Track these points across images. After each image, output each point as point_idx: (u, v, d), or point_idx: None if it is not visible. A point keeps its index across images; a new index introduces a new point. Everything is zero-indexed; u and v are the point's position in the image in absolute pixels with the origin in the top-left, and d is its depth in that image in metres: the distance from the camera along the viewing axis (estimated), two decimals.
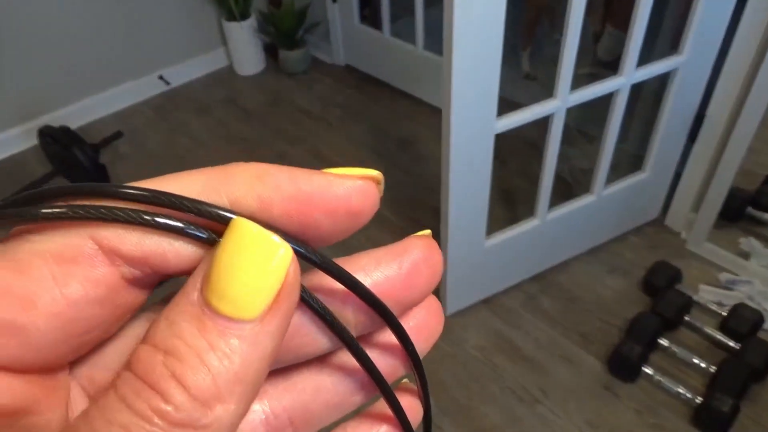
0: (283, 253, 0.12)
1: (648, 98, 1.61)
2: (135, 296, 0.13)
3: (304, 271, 0.13)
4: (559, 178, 1.36)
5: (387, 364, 0.16)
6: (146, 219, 0.12)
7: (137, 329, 0.14)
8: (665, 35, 1.59)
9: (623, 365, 1.24)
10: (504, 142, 1.15)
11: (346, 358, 0.15)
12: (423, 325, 0.16)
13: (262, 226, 0.12)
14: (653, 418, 1.19)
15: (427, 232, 0.15)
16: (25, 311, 0.11)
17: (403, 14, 2.13)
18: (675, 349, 1.27)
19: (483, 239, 1.31)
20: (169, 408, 0.10)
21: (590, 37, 2.04)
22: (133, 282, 0.13)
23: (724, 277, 1.42)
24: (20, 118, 2.04)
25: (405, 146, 1.97)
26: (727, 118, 1.32)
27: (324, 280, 0.14)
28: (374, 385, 0.15)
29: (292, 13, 2.23)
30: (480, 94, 1.04)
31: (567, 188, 1.66)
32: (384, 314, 0.14)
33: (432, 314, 0.16)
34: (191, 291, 0.12)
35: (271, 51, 2.41)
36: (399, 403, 0.16)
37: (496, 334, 1.38)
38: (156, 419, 0.10)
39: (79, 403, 0.13)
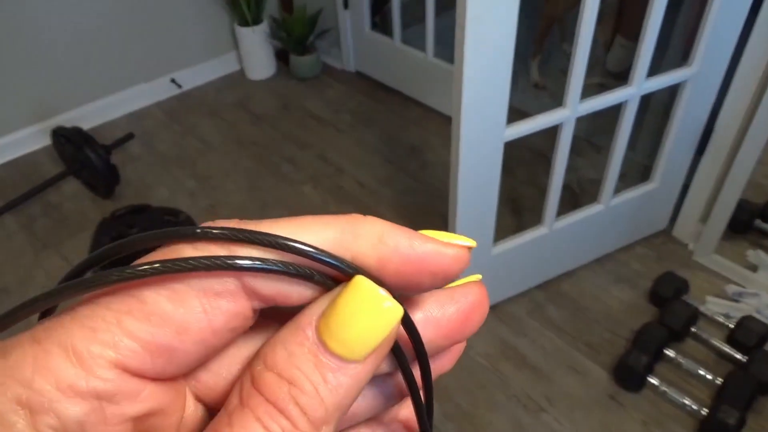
0: (393, 313, 0.14)
1: (657, 109, 1.62)
2: (251, 321, 0.15)
3: None
4: (566, 188, 1.37)
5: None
6: (291, 270, 0.14)
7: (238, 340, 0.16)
8: (675, 47, 1.60)
9: (629, 375, 1.24)
10: (512, 151, 1.16)
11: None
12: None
13: (375, 280, 0.14)
14: (658, 429, 1.19)
15: (478, 277, 0.17)
16: (178, 336, 0.14)
17: (414, 22, 2.14)
18: (681, 360, 1.27)
19: (490, 246, 1.31)
20: (295, 430, 0.13)
21: (600, 48, 2.05)
22: (256, 311, 0.15)
23: (731, 289, 1.42)
24: (34, 118, 2.07)
25: (414, 153, 1.98)
26: (736, 131, 1.33)
27: None
28: None
29: (304, 19, 2.25)
30: (490, 102, 1.05)
31: (574, 198, 1.66)
32: (422, 363, 0.16)
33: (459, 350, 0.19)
34: (306, 327, 0.14)
35: (282, 56, 2.44)
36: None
37: (502, 341, 1.38)
38: (274, 429, 0.13)
39: (190, 403, 0.16)
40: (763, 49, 1.21)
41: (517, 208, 1.71)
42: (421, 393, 0.17)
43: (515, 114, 1.12)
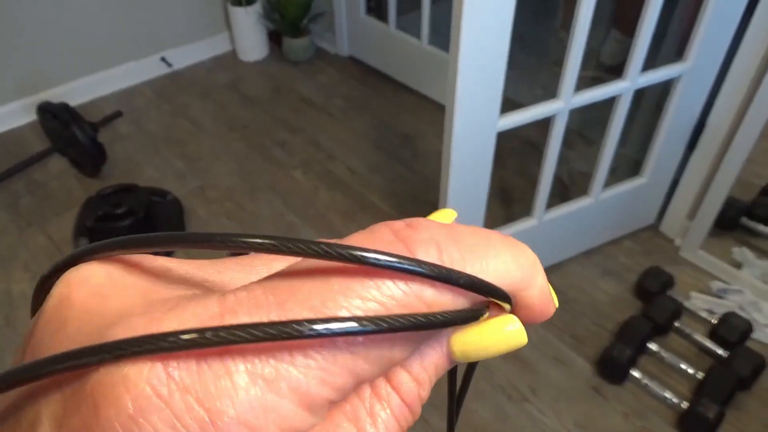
0: (520, 345, 0.15)
1: (649, 104, 1.62)
2: None
3: None
4: (556, 180, 1.37)
5: None
6: (471, 315, 0.14)
7: None
8: (670, 42, 1.59)
9: (612, 368, 1.26)
10: (503, 141, 1.16)
11: None
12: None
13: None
14: (640, 421, 1.20)
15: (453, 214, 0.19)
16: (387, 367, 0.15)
17: (410, 8, 2.12)
18: (664, 354, 1.29)
19: None
20: (413, 422, 0.15)
21: (594, 41, 2.05)
22: None
23: (715, 285, 1.44)
24: (20, 93, 2.03)
25: (406, 141, 1.97)
26: (727, 128, 1.33)
27: None
28: None
29: (298, 1, 2.22)
30: (485, 92, 1.04)
31: (564, 190, 1.67)
32: None
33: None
34: (443, 341, 0.15)
35: (275, 38, 2.40)
36: None
37: None
38: (404, 426, 0.15)
39: None
40: (758, 46, 1.21)
41: (507, 199, 1.71)
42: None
43: (508, 104, 1.11)
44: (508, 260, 0.15)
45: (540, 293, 0.16)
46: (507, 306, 0.15)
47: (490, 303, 0.15)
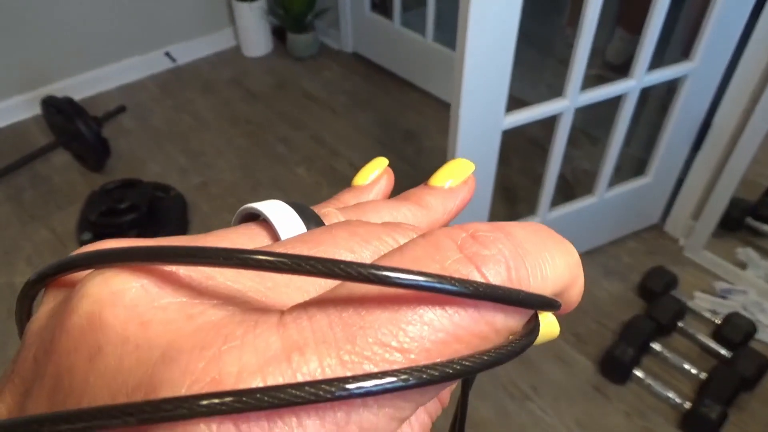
0: (552, 338, 0.15)
1: (655, 103, 1.61)
2: None
3: None
4: (560, 178, 1.36)
5: None
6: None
7: None
8: (676, 41, 1.59)
9: (615, 367, 1.25)
10: (507, 139, 1.15)
11: None
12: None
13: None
14: (642, 421, 1.20)
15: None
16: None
17: (415, 4, 2.12)
18: (667, 354, 1.28)
19: None
20: (440, 412, 0.16)
21: (600, 39, 2.04)
22: None
23: (719, 285, 1.43)
24: (24, 87, 2.03)
25: (410, 138, 1.96)
26: (733, 128, 1.33)
27: None
28: None
29: None
30: (490, 90, 1.03)
31: (568, 188, 1.66)
32: None
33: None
34: None
35: (279, 34, 2.40)
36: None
37: None
38: (434, 416, 0.16)
39: None
40: (765, 46, 1.20)
41: (511, 197, 1.70)
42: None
43: (513, 102, 1.11)
44: (561, 265, 0.14)
45: (580, 292, 0.16)
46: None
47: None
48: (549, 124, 1.20)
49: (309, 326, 0.11)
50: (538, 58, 2.20)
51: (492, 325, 0.12)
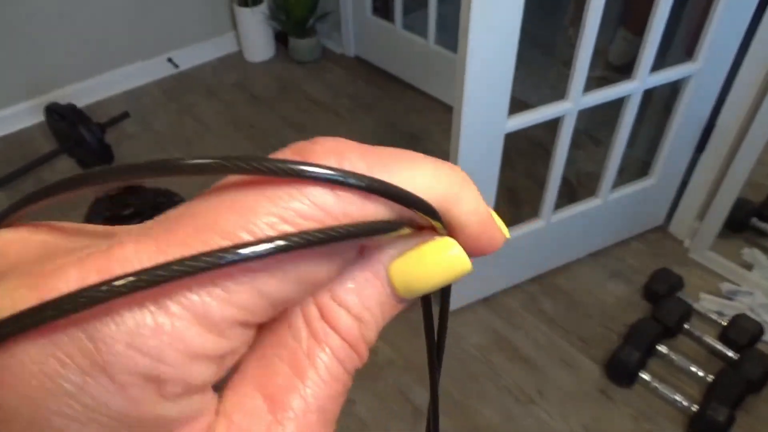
0: (464, 271, 0.15)
1: (658, 104, 1.61)
2: None
3: None
4: (564, 181, 1.36)
5: None
6: (395, 226, 0.14)
7: None
8: (679, 42, 1.58)
9: (621, 370, 1.25)
10: (510, 142, 1.15)
11: None
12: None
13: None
14: (649, 424, 1.19)
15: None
16: (304, 288, 0.13)
17: (416, 7, 2.12)
18: (673, 356, 1.28)
19: None
20: (360, 366, 0.14)
21: (603, 41, 2.04)
22: None
23: (725, 287, 1.42)
24: (28, 94, 2.04)
25: (413, 141, 1.96)
26: (737, 129, 1.32)
27: None
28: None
29: (304, 1, 2.21)
30: (493, 93, 1.03)
31: (571, 191, 1.66)
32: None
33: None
34: (381, 270, 0.14)
35: (281, 38, 2.40)
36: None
37: (495, 333, 1.38)
38: (350, 368, 0.14)
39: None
40: None
41: (515, 200, 1.70)
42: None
43: (515, 104, 1.10)
44: (427, 173, 0.14)
45: (473, 212, 0.15)
46: (438, 225, 0.14)
47: (422, 227, 0.15)
48: (552, 126, 1.20)
49: (137, 229, 0.13)
50: (542, 60, 2.20)
51: (374, 211, 0.13)
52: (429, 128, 2.00)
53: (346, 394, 0.14)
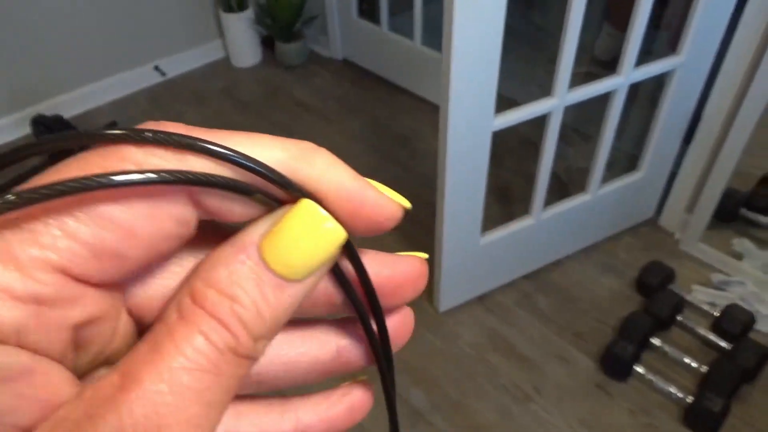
0: (336, 235, 0.14)
1: (644, 98, 1.62)
2: (194, 231, 0.15)
3: None
4: (554, 177, 1.36)
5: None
6: (240, 186, 0.14)
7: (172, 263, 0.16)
8: (664, 35, 1.59)
9: (616, 364, 1.25)
10: (500, 139, 1.15)
11: (321, 348, 0.18)
12: (393, 336, 0.18)
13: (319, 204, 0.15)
14: (645, 417, 1.20)
15: (425, 255, 0.18)
16: (126, 241, 0.13)
17: (402, 9, 2.12)
18: (667, 348, 1.28)
19: (478, 236, 1.31)
20: (237, 344, 0.14)
21: (588, 36, 2.04)
22: (197, 222, 0.15)
23: (716, 277, 1.43)
24: (13, 106, 2.02)
25: (403, 142, 1.96)
26: (723, 120, 1.33)
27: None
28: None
29: (290, 5, 2.21)
30: (478, 92, 1.03)
31: (562, 187, 1.66)
32: (375, 308, 0.17)
33: (405, 328, 0.19)
34: (248, 246, 0.14)
35: (268, 43, 2.40)
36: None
37: (490, 331, 1.38)
38: (227, 352, 0.13)
39: (123, 316, 0.16)
40: (751, 38, 1.21)
41: (506, 198, 1.70)
42: (374, 328, 0.17)
43: (504, 102, 1.11)
44: (272, 144, 0.14)
45: (333, 174, 0.15)
46: (299, 195, 0.14)
47: (286, 202, 0.15)
48: (541, 123, 1.20)
49: None
50: (530, 58, 2.20)
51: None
52: (418, 129, 2.00)
53: (225, 376, 0.13)
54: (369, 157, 1.90)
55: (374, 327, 0.17)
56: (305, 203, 0.14)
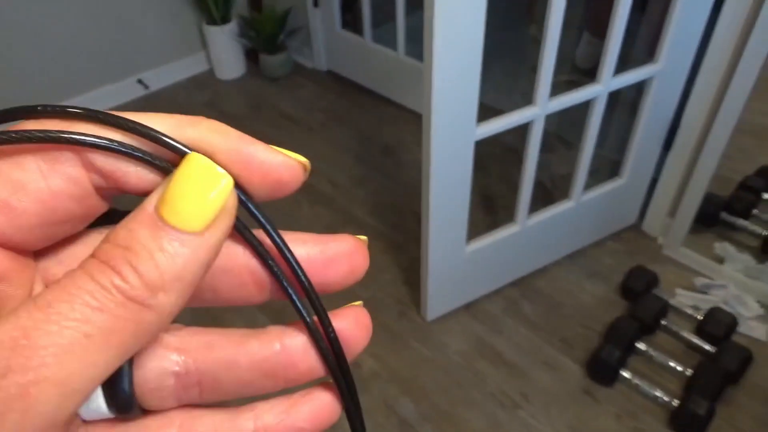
0: (225, 183, 0.15)
1: (626, 105, 1.64)
2: (99, 204, 0.16)
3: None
4: (538, 184, 1.38)
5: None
6: (126, 149, 0.15)
7: (91, 240, 0.17)
8: (643, 44, 1.62)
9: (602, 370, 1.26)
10: (483, 147, 1.16)
11: (262, 346, 0.17)
12: (347, 336, 0.17)
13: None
14: (632, 421, 1.21)
15: (364, 238, 0.18)
16: (16, 194, 0.14)
17: (385, 20, 2.14)
18: (652, 353, 1.29)
19: (464, 245, 1.31)
20: (125, 285, 0.13)
21: (570, 45, 2.07)
22: (99, 191, 0.15)
23: (699, 281, 1.45)
24: None
25: (388, 152, 1.97)
26: (701, 126, 1.35)
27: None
28: (288, 375, 0.17)
29: (274, 17, 2.22)
30: (460, 102, 1.04)
31: (546, 194, 1.68)
32: (299, 278, 0.16)
33: (359, 327, 0.18)
34: (148, 206, 0.14)
35: (252, 56, 2.40)
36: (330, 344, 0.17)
37: (477, 339, 1.38)
38: (114, 291, 0.13)
39: (38, 288, 0.16)
40: (726, 45, 1.23)
41: (491, 206, 1.71)
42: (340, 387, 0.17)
43: (489, 112, 1.12)
44: (157, 115, 0.15)
45: (219, 133, 0.15)
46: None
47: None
48: (524, 131, 1.21)
49: None
50: (512, 67, 2.23)
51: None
52: (404, 138, 2.01)
53: (114, 318, 0.13)
54: (355, 168, 1.91)
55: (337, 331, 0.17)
56: (192, 156, 0.15)
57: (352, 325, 0.17)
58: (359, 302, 0.18)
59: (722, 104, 1.27)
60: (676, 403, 1.19)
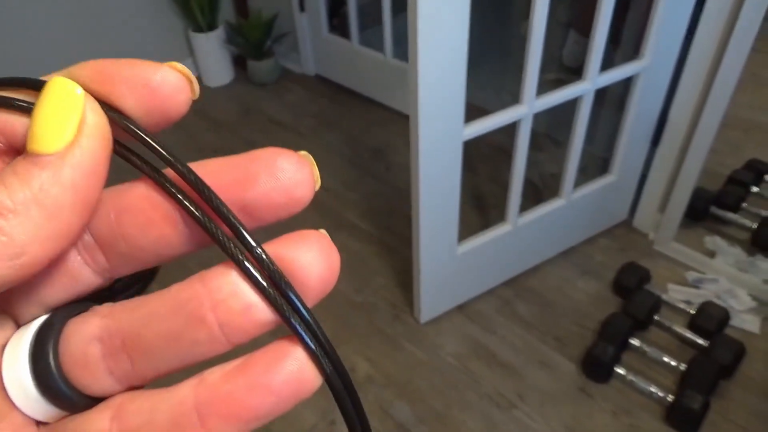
0: (77, 95, 0.14)
1: (614, 102, 1.65)
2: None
3: None
4: (529, 183, 1.38)
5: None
6: None
7: None
8: (629, 41, 1.63)
9: (596, 367, 1.26)
10: (473, 148, 1.16)
11: (182, 287, 0.15)
12: (301, 265, 0.15)
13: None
14: (628, 418, 1.21)
15: (304, 154, 0.16)
16: None
17: (372, 23, 2.14)
18: (646, 348, 1.29)
19: (455, 246, 1.31)
20: None
21: (556, 43, 2.08)
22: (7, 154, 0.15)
23: (691, 276, 1.45)
24: None
25: (378, 155, 1.97)
26: (688, 121, 1.36)
27: None
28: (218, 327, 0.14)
29: (260, 23, 2.22)
30: (447, 102, 1.04)
31: (537, 193, 1.68)
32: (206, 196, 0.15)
33: (326, 250, 0.16)
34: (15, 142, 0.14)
35: (240, 62, 2.40)
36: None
37: (471, 340, 1.38)
38: None
39: None
40: (711, 41, 1.24)
41: (481, 206, 1.71)
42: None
43: (477, 112, 1.12)
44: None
45: (84, 64, 0.16)
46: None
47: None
48: (512, 130, 1.21)
49: None
50: (500, 67, 2.23)
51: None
52: (393, 140, 2.01)
53: None
54: (346, 172, 1.90)
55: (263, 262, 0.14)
56: (50, 81, 0.15)
57: (305, 250, 0.15)
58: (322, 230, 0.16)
59: (708, 98, 1.28)
60: (670, 398, 1.19)
